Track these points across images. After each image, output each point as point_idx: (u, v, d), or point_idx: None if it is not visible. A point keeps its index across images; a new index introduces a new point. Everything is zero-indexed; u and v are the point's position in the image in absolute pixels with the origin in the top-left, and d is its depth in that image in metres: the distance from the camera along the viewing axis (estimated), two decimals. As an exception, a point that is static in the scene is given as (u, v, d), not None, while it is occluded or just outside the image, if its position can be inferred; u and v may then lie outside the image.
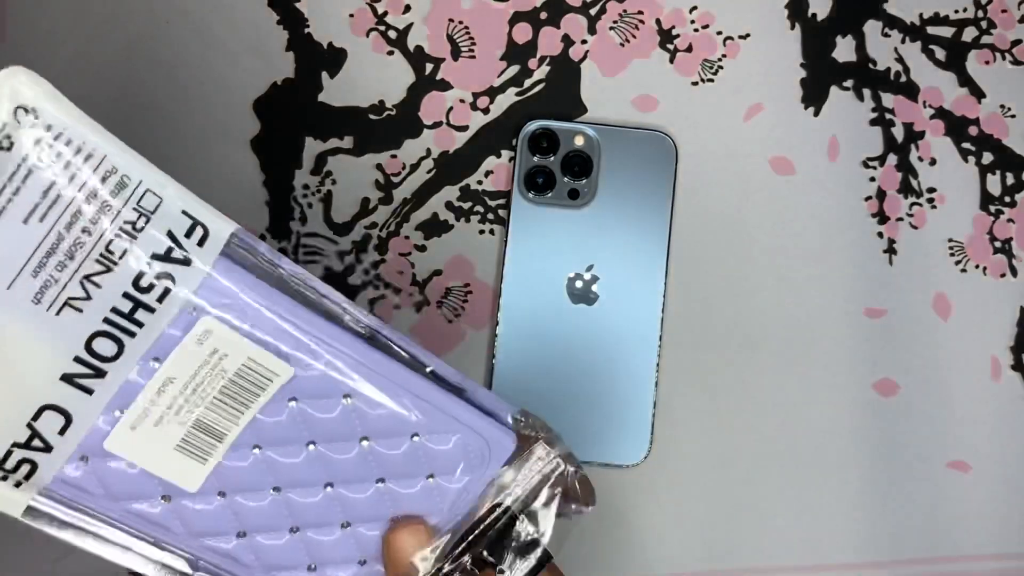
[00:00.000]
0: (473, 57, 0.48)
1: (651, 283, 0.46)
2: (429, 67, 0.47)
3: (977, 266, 0.49)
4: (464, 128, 0.47)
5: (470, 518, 0.34)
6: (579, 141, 0.46)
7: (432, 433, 0.33)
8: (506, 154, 0.47)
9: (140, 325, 0.29)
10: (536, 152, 0.47)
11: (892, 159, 0.49)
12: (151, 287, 0.28)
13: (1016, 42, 0.49)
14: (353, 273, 0.47)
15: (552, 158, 0.46)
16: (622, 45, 0.48)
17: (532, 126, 0.46)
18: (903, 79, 0.49)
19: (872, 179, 0.49)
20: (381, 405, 0.32)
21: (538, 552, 0.32)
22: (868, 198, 0.49)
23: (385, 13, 0.47)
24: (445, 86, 0.47)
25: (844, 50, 0.49)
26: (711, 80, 0.48)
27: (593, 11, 0.48)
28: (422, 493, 0.34)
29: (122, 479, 0.31)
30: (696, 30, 0.48)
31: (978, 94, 0.49)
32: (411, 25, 0.47)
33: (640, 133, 0.47)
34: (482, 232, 0.47)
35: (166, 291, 0.29)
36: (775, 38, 0.49)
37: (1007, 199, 0.49)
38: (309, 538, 0.33)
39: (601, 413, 0.46)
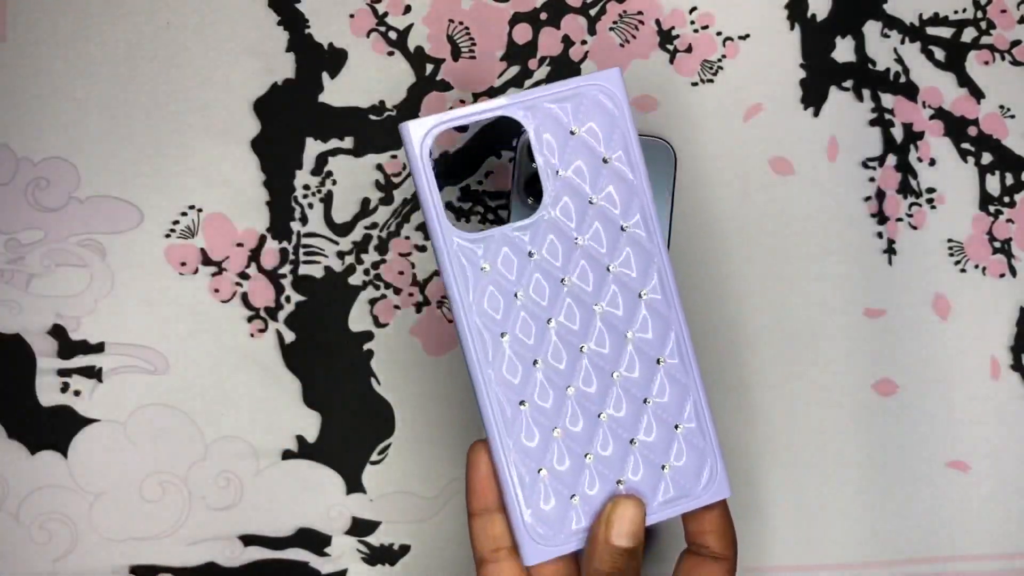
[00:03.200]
0: (473, 58, 0.48)
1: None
2: (429, 67, 0.47)
3: (976, 266, 0.49)
4: (464, 128, 0.47)
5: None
6: (579, 142, 0.46)
7: (688, 442, 0.37)
8: (506, 155, 0.48)
9: None
10: (535, 158, 0.46)
11: (891, 159, 0.49)
12: None
13: (1015, 42, 0.50)
14: (353, 273, 0.47)
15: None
16: (622, 45, 0.48)
17: None
18: (902, 79, 0.49)
19: (872, 179, 0.49)
20: (667, 381, 0.37)
21: None
22: (867, 198, 0.49)
23: (385, 14, 0.47)
24: (445, 86, 0.47)
25: (844, 50, 0.49)
26: (711, 80, 0.48)
27: (593, 11, 0.48)
28: (652, 479, 0.37)
29: None
30: (696, 31, 0.48)
31: (977, 94, 0.49)
32: (411, 26, 0.47)
33: (639, 140, 0.47)
34: (482, 232, 0.47)
35: None
36: (775, 38, 0.49)
37: (1006, 199, 0.49)
38: (558, 444, 0.36)
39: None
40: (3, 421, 0.46)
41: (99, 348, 0.47)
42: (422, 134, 0.34)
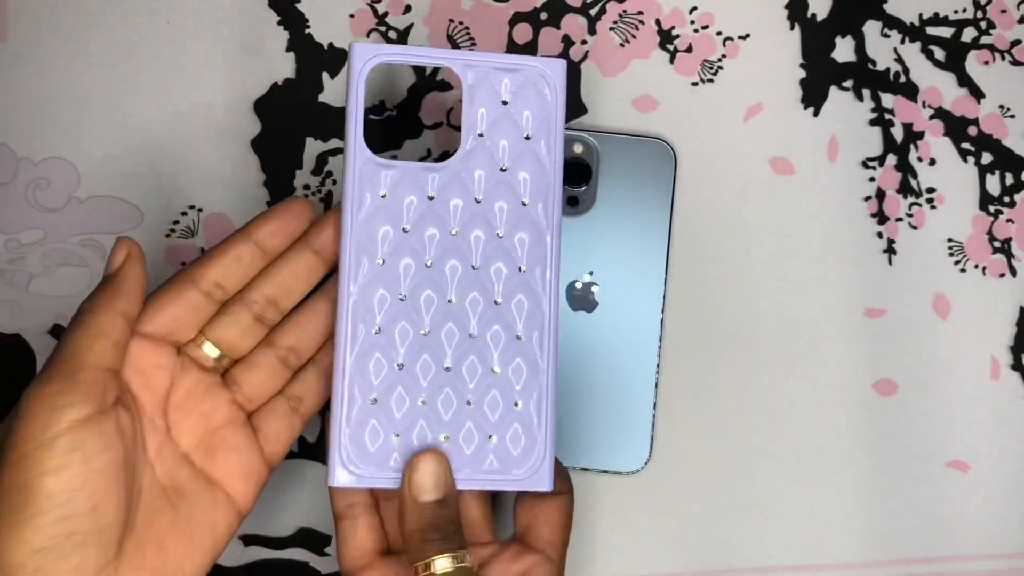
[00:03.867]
0: (473, 57, 0.48)
1: (651, 289, 0.46)
2: (429, 68, 0.47)
3: (976, 266, 0.49)
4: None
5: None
6: (578, 149, 0.46)
7: (523, 424, 0.38)
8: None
9: None
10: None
11: (891, 159, 0.49)
12: None
13: (1015, 42, 0.50)
14: (353, 273, 0.47)
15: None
16: (622, 45, 0.48)
17: None
18: (903, 79, 0.49)
19: (872, 179, 0.49)
20: (522, 361, 0.38)
21: None
22: (867, 198, 0.49)
23: (385, 14, 0.47)
24: (445, 87, 0.47)
25: (844, 50, 0.49)
26: (711, 80, 0.48)
27: (593, 11, 0.48)
28: (476, 445, 0.37)
29: None
30: (696, 30, 0.48)
31: (977, 94, 0.49)
32: (411, 25, 0.47)
33: (639, 140, 0.47)
34: (482, 232, 0.47)
35: None
36: (775, 38, 0.49)
37: (1006, 199, 0.49)
38: (399, 381, 0.37)
39: (601, 420, 0.46)
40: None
41: (99, 348, 0.46)
42: (365, 59, 0.37)
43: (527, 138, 0.37)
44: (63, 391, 0.32)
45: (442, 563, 0.35)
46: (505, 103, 0.37)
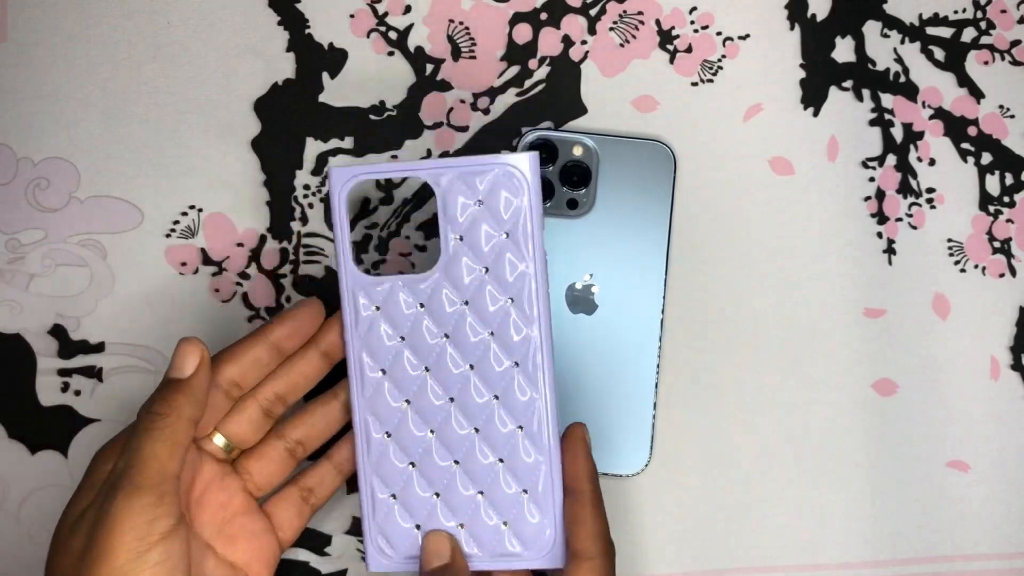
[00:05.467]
0: (473, 58, 0.48)
1: (651, 291, 0.46)
2: (429, 67, 0.47)
3: (976, 266, 0.49)
4: (464, 128, 0.48)
5: None
6: (577, 151, 0.46)
7: (535, 506, 0.39)
8: (506, 154, 0.48)
9: None
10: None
11: (891, 159, 0.49)
12: None
13: (1015, 42, 0.50)
14: (353, 273, 0.47)
15: (551, 168, 0.46)
16: (622, 46, 0.48)
17: (530, 136, 0.46)
18: (902, 79, 0.49)
19: (871, 179, 0.49)
20: (525, 448, 0.39)
21: None
22: (867, 198, 0.49)
23: (386, 14, 0.47)
24: (445, 87, 0.47)
25: (843, 50, 0.49)
26: (711, 80, 0.48)
27: (593, 11, 0.48)
28: (491, 530, 0.39)
29: None
30: (696, 31, 0.48)
31: (977, 94, 0.49)
32: (411, 26, 0.47)
33: (639, 143, 0.47)
34: (482, 232, 0.47)
35: None
36: (775, 38, 0.49)
37: (1006, 199, 0.49)
38: (412, 477, 0.39)
39: (601, 423, 0.46)
40: (3, 421, 0.46)
41: (99, 348, 0.47)
42: (343, 181, 0.38)
43: (506, 235, 0.38)
44: (154, 504, 0.34)
45: None
46: (480, 203, 0.38)
